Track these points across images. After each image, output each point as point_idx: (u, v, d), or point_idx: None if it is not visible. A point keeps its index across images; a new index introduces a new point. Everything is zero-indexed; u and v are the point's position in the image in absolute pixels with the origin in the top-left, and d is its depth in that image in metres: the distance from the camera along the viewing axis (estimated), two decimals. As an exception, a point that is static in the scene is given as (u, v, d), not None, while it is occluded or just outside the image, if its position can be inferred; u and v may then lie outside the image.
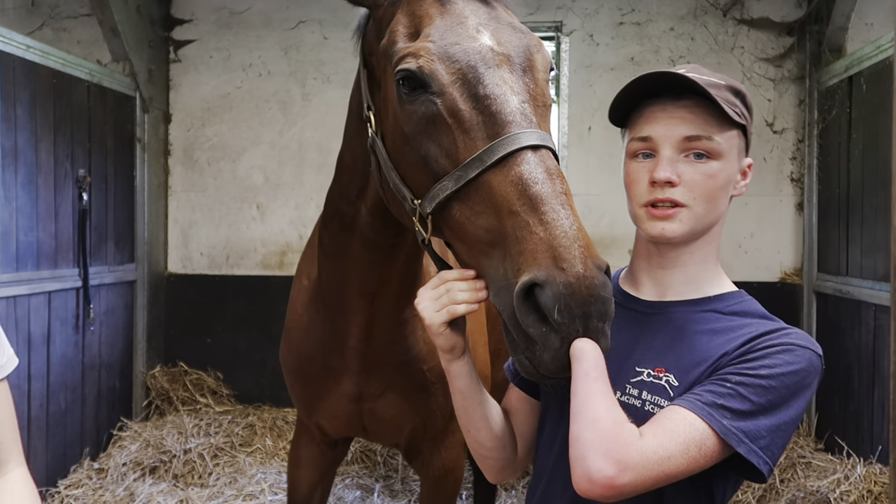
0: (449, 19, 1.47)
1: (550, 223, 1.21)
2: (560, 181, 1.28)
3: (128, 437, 4.66)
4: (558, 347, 1.18)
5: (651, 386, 1.33)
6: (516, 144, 1.30)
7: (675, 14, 5.12)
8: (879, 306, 3.89)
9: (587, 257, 1.18)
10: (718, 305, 1.38)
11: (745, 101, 1.39)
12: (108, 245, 4.65)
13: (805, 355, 1.25)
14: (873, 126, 3.99)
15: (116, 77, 4.76)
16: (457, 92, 1.39)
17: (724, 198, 1.37)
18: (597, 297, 1.17)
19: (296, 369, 2.35)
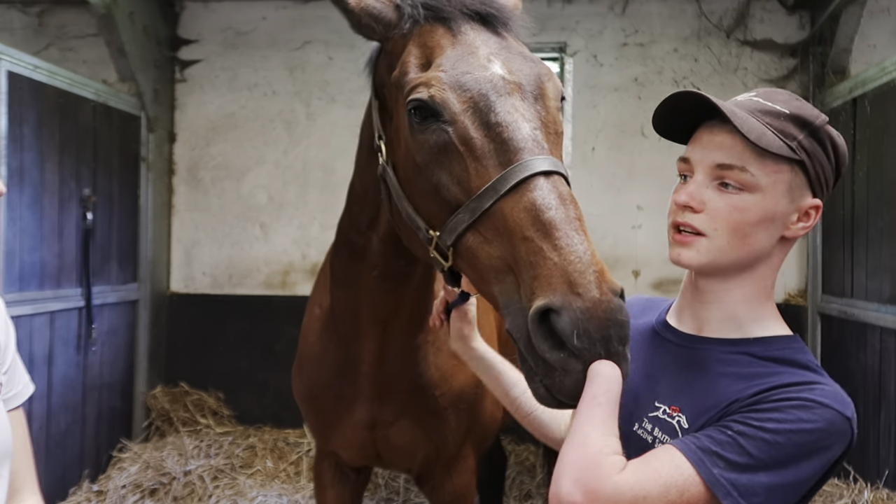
0: (460, 49, 1.48)
1: (564, 248, 1.20)
2: (573, 206, 1.28)
3: (128, 458, 4.63)
4: (580, 371, 1.16)
5: (664, 424, 1.30)
6: (528, 171, 1.30)
7: (679, 35, 5.15)
8: (885, 329, 3.86)
9: (602, 282, 1.17)
10: (756, 349, 1.29)
11: (817, 134, 1.28)
12: (111, 264, 4.65)
13: (826, 415, 1.15)
14: (878, 148, 3.98)
15: (122, 97, 4.78)
16: (468, 120, 1.39)
17: (758, 234, 1.28)
18: (615, 321, 1.16)
19: (308, 398, 2.35)
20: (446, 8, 1.55)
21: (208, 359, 5.30)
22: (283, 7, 5.38)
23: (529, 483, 4.48)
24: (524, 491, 4.44)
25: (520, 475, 4.55)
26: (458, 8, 1.55)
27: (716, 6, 5.11)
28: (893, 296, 3.78)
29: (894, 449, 3.77)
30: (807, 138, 1.26)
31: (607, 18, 5.19)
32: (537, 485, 4.46)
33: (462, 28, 1.53)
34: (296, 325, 5.28)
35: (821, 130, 1.28)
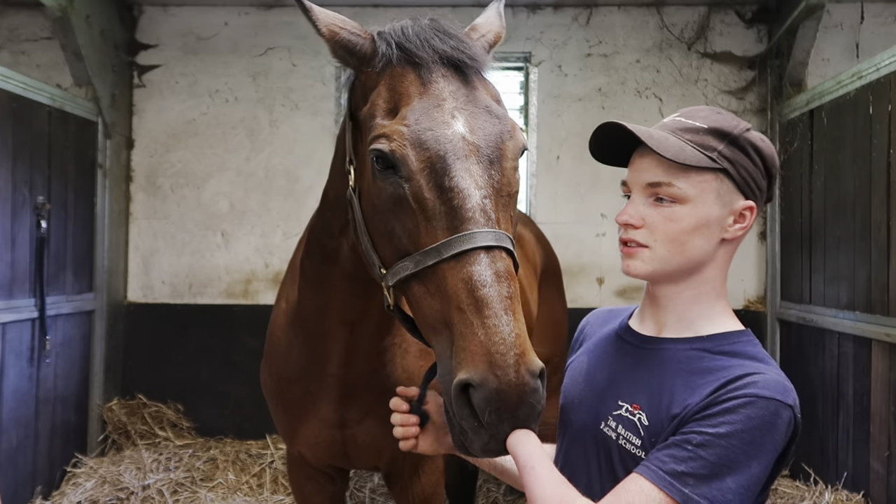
0: (427, 101, 1.52)
1: (491, 328, 1.29)
2: (508, 284, 1.36)
3: (83, 473, 4.48)
4: (486, 442, 1.31)
5: (626, 421, 1.38)
6: (471, 244, 1.37)
7: (641, 47, 5.23)
8: (843, 334, 3.96)
9: (521, 364, 1.27)
10: (708, 345, 1.38)
11: (737, 142, 1.37)
12: (66, 274, 4.51)
13: (770, 407, 1.23)
14: (834, 158, 4.09)
15: (78, 102, 4.65)
16: (424, 180, 1.45)
17: (695, 240, 1.38)
18: (525, 403, 1.28)
19: (276, 392, 2.34)
20: (419, 53, 1.57)
21: (167, 370, 5.18)
22: (246, 13, 5.31)
23: (496, 491, 4.47)
24: (491, 498, 4.42)
25: (486, 483, 4.54)
26: (431, 54, 1.57)
27: (677, 18, 5.20)
28: (851, 302, 3.88)
29: (853, 451, 3.85)
30: (727, 147, 1.37)
31: (571, 29, 5.25)
32: (504, 492, 4.45)
33: (433, 76, 1.55)
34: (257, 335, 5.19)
35: (740, 138, 1.38)
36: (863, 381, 3.75)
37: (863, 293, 3.75)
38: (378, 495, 4.40)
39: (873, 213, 3.66)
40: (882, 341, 3.54)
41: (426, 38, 1.58)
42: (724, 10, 5.18)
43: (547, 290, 3.72)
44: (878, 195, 3.62)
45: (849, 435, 3.89)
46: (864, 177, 3.76)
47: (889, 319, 3.49)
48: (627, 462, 1.35)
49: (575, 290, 5.05)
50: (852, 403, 3.87)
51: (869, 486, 3.66)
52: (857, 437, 3.80)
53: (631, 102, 5.22)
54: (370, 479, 4.54)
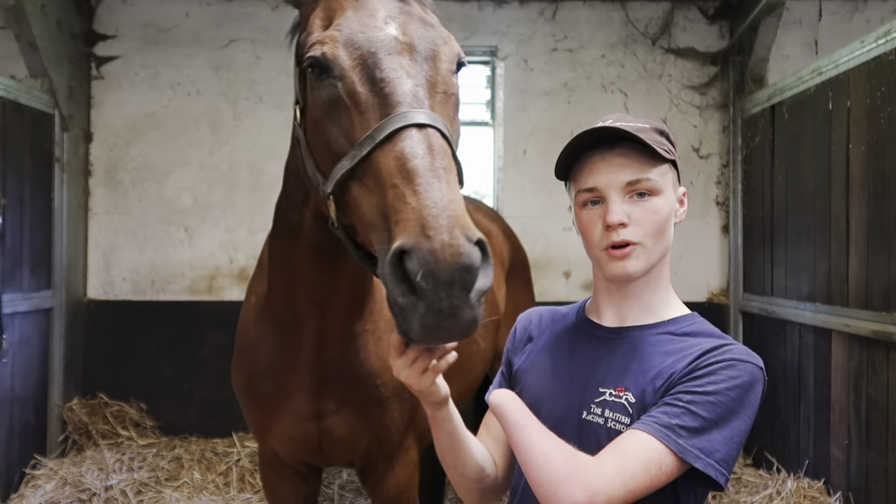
0: (361, 12, 1.55)
1: (422, 194, 1.26)
2: (441, 157, 1.34)
3: (42, 475, 4.36)
4: (423, 314, 1.22)
5: (613, 405, 1.42)
6: (403, 122, 1.36)
7: (606, 42, 5.26)
8: (804, 325, 4.05)
9: (455, 227, 1.22)
10: (672, 328, 1.48)
11: (669, 137, 1.52)
12: (22, 271, 4.38)
13: (747, 368, 1.35)
14: (795, 153, 4.17)
15: (34, 94, 4.52)
16: (356, 76, 1.47)
17: (669, 228, 1.48)
18: (462, 266, 1.20)
19: (247, 388, 2.29)
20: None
21: (129, 368, 5.07)
22: (208, 4, 5.21)
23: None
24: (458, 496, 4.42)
25: (456, 478, 4.54)
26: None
27: (641, 14, 5.25)
28: (811, 293, 3.97)
29: (813, 440, 3.95)
30: (667, 141, 1.50)
31: (537, 24, 5.26)
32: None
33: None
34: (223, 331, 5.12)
35: (669, 134, 1.53)
36: (823, 371, 3.84)
37: (823, 285, 3.84)
38: (347, 491, 4.38)
39: (833, 207, 3.74)
40: (841, 332, 3.63)
41: None
42: (687, 6, 5.24)
43: (515, 284, 3.74)
44: (837, 189, 3.70)
45: (810, 424, 3.99)
46: (823, 171, 3.84)
47: (848, 311, 3.57)
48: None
49: (542, 283, 5.08)
50: (813, 393, 3.96)
51: (829, 473, 3.75)
52: (818, 426, 3.89)
53: (597, 97, 5.25)
54: (339, 476, 4.51)
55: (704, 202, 5.28)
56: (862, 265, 3.48)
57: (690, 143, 5.25)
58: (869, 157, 3.42)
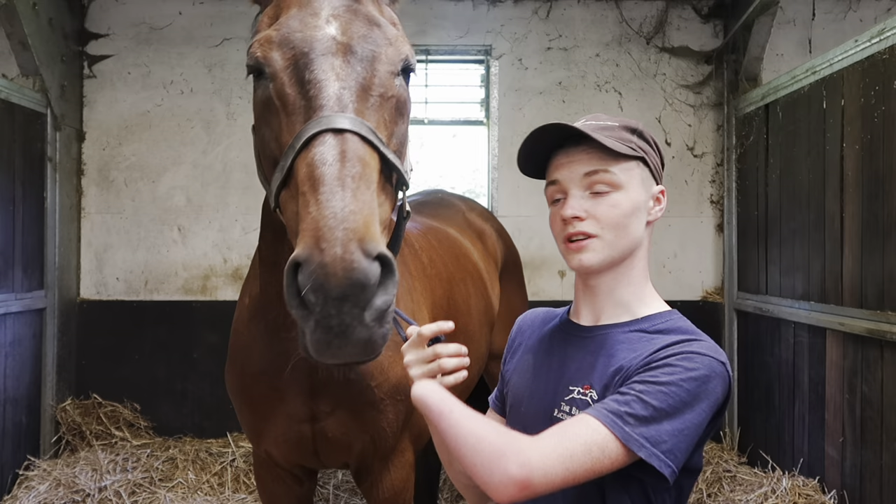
0: (305, 10, 1.52)
1: (322, 204, 1.22)
2: (354, 164, 1.29)
3: (36, 476, 4.34)
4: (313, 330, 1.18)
5: (579, 402, 1.44)
6: (318, 127, 1.34)
7: (601, 41, 5.26)
8: (798, 324, 4.05)
9: (350, 240, 1.17)
10: (645, 325, 1.48)
11: (643, 136, 1.52)
12: (14, 271, 4.35)
13: (705, 362, 1.33)
14: (790, 152, 4.18)
15: (26, 93, 4.49)
16: (286, 77, 1.45)
17: (633, 224, 1.48)
18: (354, 282, 1.15)
19: (240, 389, 2.26)
20: None
21: (123, 368, 5.05)
22: (200, 2, 5.19)
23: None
24: (455, 493, 4.42)
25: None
26: None
27: (636, 13, 5.25)
28: (806, 292, 3.97)
29: (808, 438, 3.96)
30: (638, 139, 1.51)
31: (532, 22, 5.25)
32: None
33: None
34: (217, 331, 5.10)
35: (644, 132, 1.53)
36: (818, 370, 3.85)
37: (817, 284, 3.85)
38: (342, 492, 4.37)
39: (827, 206, 3.75)
40: (836, 330, 3.64)
41: None
42: (681, 5, 5.25)
43: (508, 283, 3.73)
44: (831, 188, 3.71)
45: (805, 422, 4.00)
46: (818, 170, 3.85)
47: (843, 309, 3.58)
48: None
49: (537, 283, 5.08)
50: (808, 391, 3.97)
51: (824, 471, 3.76)
52: (813, 424, 3.90)
53: (591, 96, 5.25)
54: (333, 476, 4.50)
55: (699, 201, 5.28)
56: (856, 264, 3.49)
57: (685, 142, 5.26)
58: (863, 156, 3.43)
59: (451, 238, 3.27)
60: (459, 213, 3.68)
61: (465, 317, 2.93)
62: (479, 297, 3.15)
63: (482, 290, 3.24)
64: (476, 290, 3.15)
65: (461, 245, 3.31)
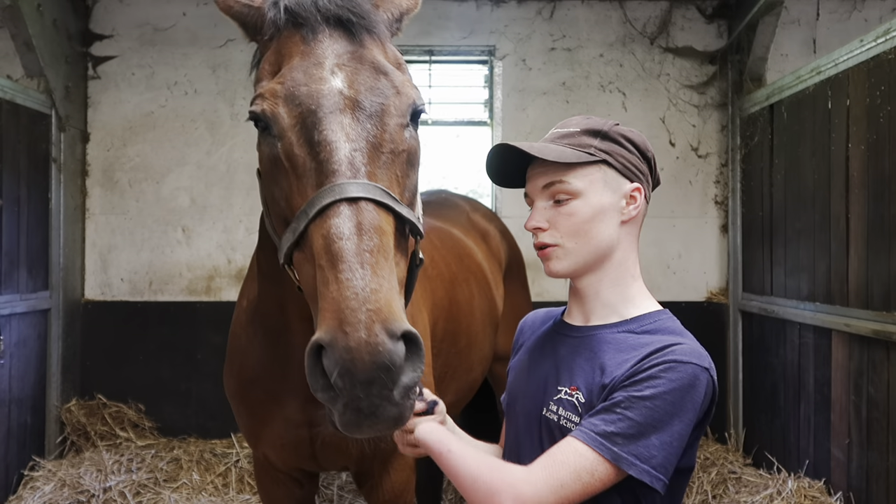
0: (307, 60, 1.47)
1: (343, 282, 1.21)
2: (371, 236, 1.28)
3: (41, 477, 4.35)
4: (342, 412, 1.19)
5: (566, 403, 1.47)
6: (333, 196, 1.31)
7: (605, 41, 5.25)
8: (803, 325, 4.04)
9: (374, 322, 1.17)
10: (633, 326, 1.50)
11: (608, 136, 1.53)
12: (20, 272, 4.36)
13: (688, 370, 1.35)
14: (794, 152, 4.17)
15: (30, 94, 4.50)
16: (295, 136, 1.41)
17: (596, 228, 1.50)
18: (380, 365, 1.15)
19: (238, 393, 2.25)
20: (303, 13, 1.53)
21: (127, 369, 5.06)
22: (205, 3, 5.19)
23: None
24: (459, 496, 4.42)
25: (455, 479, 4.53)
26: (314, 13, 1.52)
27: (639, 13, 5.24)
28: (811, 293, 3.96)
29: (813, 439, 3.94)
30: (601, 142, 1.52)
31: (535, 23, 5.25)
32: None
33: (317, 36, 1.51)
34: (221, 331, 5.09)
35: (610, 132, 1.53)
36: (823, 371, 3.83)
37: (823, 284, 3.84)
38: (346, 492, 4.37)
39: (832, 206, 3.74)
40: (842, 331, 3.63)
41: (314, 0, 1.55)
42: (685, 6, 5.24)
43: (511, 284, 3.73)
44: (837, 188, 3.70)
45: (810, 423, 3.98)
46: (823, 170, 3.83)
47: (848, 310, 3.57)
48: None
49: (541, 284, 5.07)
50: (813, 392, 3.96)
51: (830, 473, 3.75)
52: (819, 426, 3.89)
53: (595, 97, 5.24)
54: (338, 477, 4.50)
55: (703, 201, 5.27)
56: (862, 264, 3.48)
57: (689, 143, 5.25)
58: (868, 157, 3.42)
59: (455, 238, 3.27)
60: (463, 214, 3.68)
61: (468, 317, 2.93)
62: (482, 298, 3.15)
63: (486, 290, 3.24)
64: (479, 291, 3.14)
65: (464, 245, 3.30)
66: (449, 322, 2.73)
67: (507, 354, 3.57)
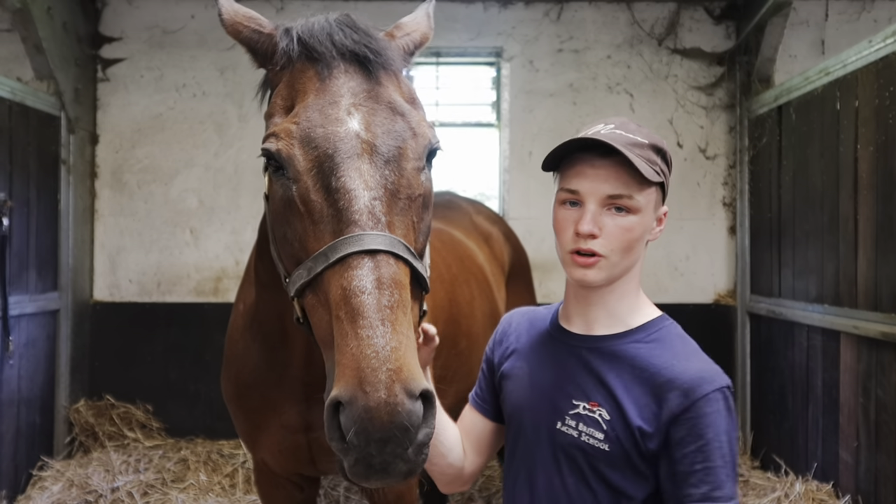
0: (323, 98, 1.45)
1: (364, 340, 1.21)
2: (390, 292, 1.27)
3: (49, 476, 4.37)
4: (353, 465, 1.20)
5: (587, 419, 1.47)
6: (353, 248, 1.30)
7: (612, 42, 5.24)
8: (812, 327, 4.02)
9: (394, 382, 1.17)
10: (640, 335, 1.51)
11: (665, 157, 1.52)
12: (29, 273, 4.39)
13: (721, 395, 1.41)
14: (802, 154, 4.15)
15: (40, 96, 4.53)
16: (311, 181, 1.38)
17: (639, 247, 1.50)
18: (398, 425, 1.16)
19: (235, 398, 2.25)
20: (318, 48, 1.50)
21: (135, 370, 5.08)
22: (213, 5, 5.19)
23: (471, 487, 4.47)
24: (466, 496, 4.42)
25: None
26: (330, 48, 1.50)
27: (647, 14, 5.23)
28: (819, 295, 3.94)
29: (822, 442, 3.92)
30: (661, 161, 1.50)
31: (542, 24, 5.24)
32: (479, 488, 4.45)
33: (332, 72, 1.49)
34: (230, 333, 5.06)
35: (667, 153, 1.52)
36: (832, 373, 3.81)
37: (831, 286, 3.82)
38: (353, 493, 4.37)
39: (841, 208, 3.72)
40: (850, 333, 3.61)
41: (329, 33, 1.52)
42: (693, 7, 5.22)
43: (515, 285, 3.72)
44: (845, 190, 3.68)
45: (818, 426, 3.96)
46: (831, 172, 3.81)
47: (857, 312, 3.55)
48: (592, 455, 1.46)
49: (548, 285, 5.06)
50: (821, 395, 3.93)
51: (838, 476, 3.73)
52: (827, 429, 3.86)
53: (602, 98, 5.23)
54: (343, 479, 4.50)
55: (711, 203, 5.25)
56: (870, 266, 3.46)
57: (697, 144, 5.23)
58: (877, 158, 3.40)
59: (456, 240, 3.27)
60: (466, 216, 3.67)
61: (468, 318, 2.92)
62: (483, 300, 3.15)
63: (487, 292, 3.23)
64: (480, 293, 3.14)
65: (466, 247, 3.30)
66: (449, 324, 2.73)
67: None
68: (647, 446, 1.42)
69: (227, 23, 1.64)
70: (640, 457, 1.43)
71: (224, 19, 1.64)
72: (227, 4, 1.66)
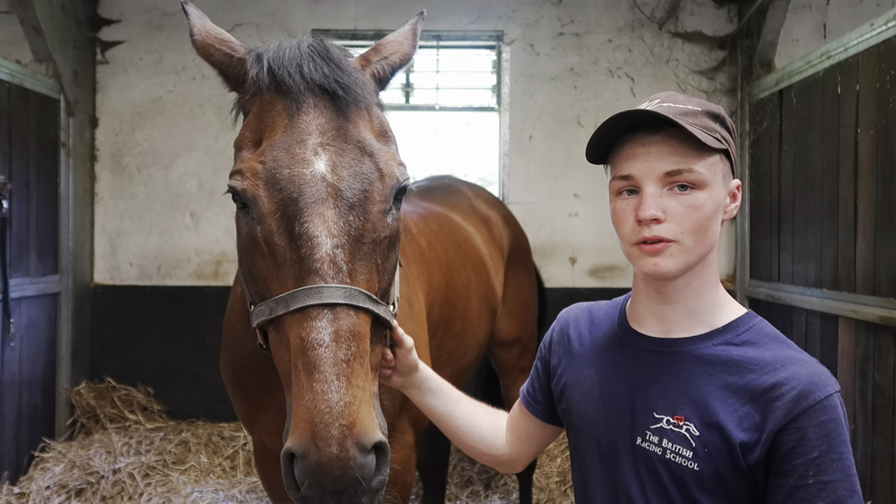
0: (290, 135, 1.43)
1: (318, 395, 1.22)
2: (347, 346, 1.28)
3: (51, 458, 4.41)
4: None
5: (672, 434, 1.31)
6: (312, 300, 1.30)
7: (613, 26, 5.22)
8: (811, 311, 4.03)
9: (346, 437, 1.20)
10: (729, 336, 1.33)
11: (725, 123, 1.35)
12: (29, 255, 4.40)
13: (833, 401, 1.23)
14: (803, 138, 4.14)
15: (39, 78, 4.52)
16: (275, 224, 1.37)
17: (714, 226, 1.31)
18: (350, 479, 1.20)
19: (234, 380, 2.27)
20: (287, 81, 1.47)
21: (136, 352, 5.10)
22: (213, -13, 5.19)
23: (470, 469, 4.50)
24: (465, 477, 4.45)
25: (461, 461, 4.56)
26: (299, 81, 1.47)
27: (648, -3, 5.20)
28: (819, 279, 3.94)
29: (818, 426, 3.93)
30: (721, 128, 1.33)
31: (543, 8, 5.22)
32: (478, 471, 4.48)
33: (301, 108, 1.46)
34: (231, 316, 5.08)
35: (726, 119, 1.36)
36: (830, 357, 3.82)
37: (830, 271, 3.82)
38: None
39: (841, 192, 3.71)
40: (848, 318, 3.61)
41: (299, 64, 1.48)
42: (695, -10, 5.19)
43: (515, 269, 3.73)
44: (845, 174, 3.67)
45: (815, 409, 3.97)
46: (832, 156, 3.81)
47: (855, 296, 3.55)
48: (679, 474, 1.29)
49: (548, 269, 5.07)
50: (819, 379, 3.94)
51: (834, 458, 3.74)
52: (823, 412, 3.87)
53: (603, 82, 5.22)
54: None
55: (711, 188, 5.24)
56: (869, 251, 3.46)
57: (697, 129, 5.21)
58: (878, 142, 3.39)
59: (454, 223, 3.27)
60: (465, 200, 3.68)
61: (465, 301, 2.94)
62: (479, 283, 3.15)
63: (484, 275, 3.24)
64: (477, 276, 3.15)
65: (463, 231, 3.30)
66: (445, 306, 2.74)
67: (509, 340, 3.61)
68: (747, 461, 1.25)
69: (198, 44, 1.62)
70: (736, 476, 1.26)
71: (195, 40, 1.62)
72: (200, 24, 1.65)
